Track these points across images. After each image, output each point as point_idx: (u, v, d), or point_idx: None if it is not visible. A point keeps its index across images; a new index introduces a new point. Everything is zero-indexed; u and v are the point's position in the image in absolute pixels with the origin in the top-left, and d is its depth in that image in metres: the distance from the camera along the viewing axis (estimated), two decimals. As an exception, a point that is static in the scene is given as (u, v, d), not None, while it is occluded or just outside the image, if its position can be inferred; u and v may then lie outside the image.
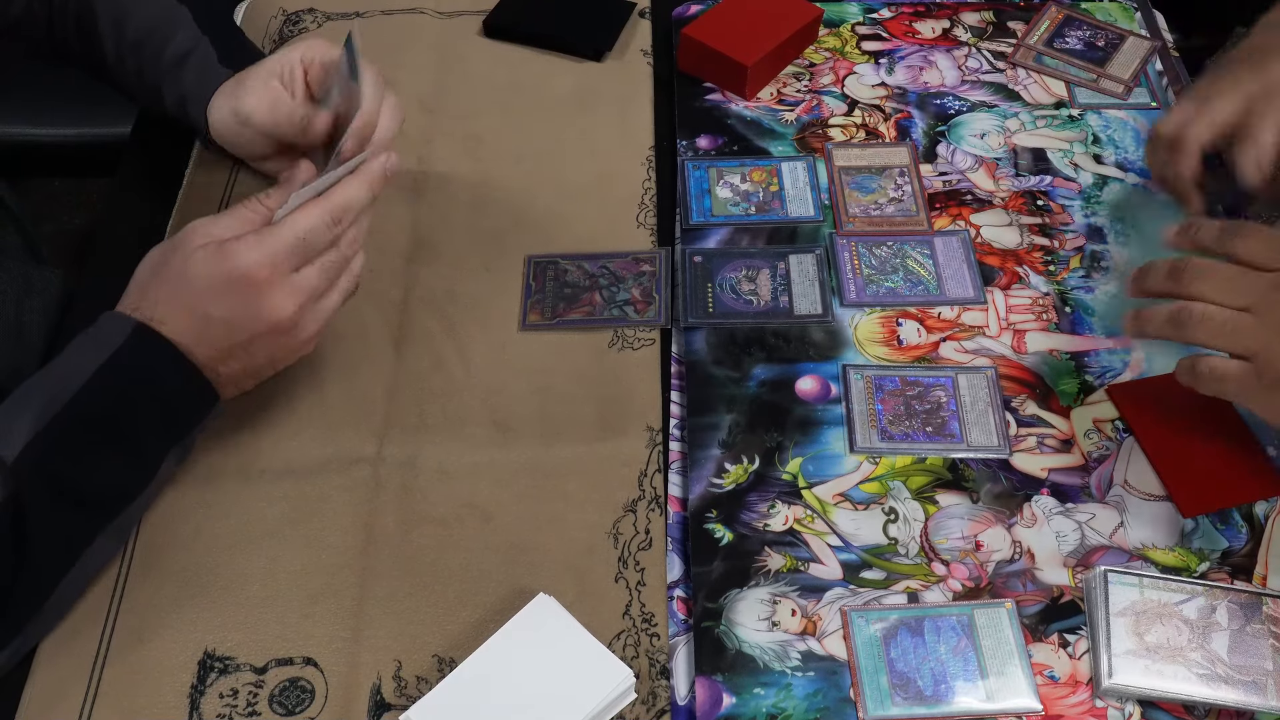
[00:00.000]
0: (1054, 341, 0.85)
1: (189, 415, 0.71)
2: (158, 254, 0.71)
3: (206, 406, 0.72)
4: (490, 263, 0.90)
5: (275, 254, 0.69)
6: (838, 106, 1.02)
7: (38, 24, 0.93)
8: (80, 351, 0.69)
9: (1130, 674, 0.68)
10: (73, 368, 0.68)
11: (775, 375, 0.83)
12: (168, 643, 0.71)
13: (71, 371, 0.68)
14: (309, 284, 0.71)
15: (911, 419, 0.81)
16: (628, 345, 0.85)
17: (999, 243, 0.92)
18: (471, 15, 1.09)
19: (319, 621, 0.72)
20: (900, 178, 0.96)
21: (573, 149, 0.99)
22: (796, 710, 0.68)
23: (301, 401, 0.81)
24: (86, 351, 0.69)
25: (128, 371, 0.68)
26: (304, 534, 0.75)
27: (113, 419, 0.68)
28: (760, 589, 0.73)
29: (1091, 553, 0.75)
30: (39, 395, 0.67)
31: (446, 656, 0.70)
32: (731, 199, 0.94)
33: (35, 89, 1.41)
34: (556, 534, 0.75)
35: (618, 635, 0.71)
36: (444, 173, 0.97)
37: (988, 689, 0.69)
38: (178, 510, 0.76)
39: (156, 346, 0.68)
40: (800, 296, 0.88)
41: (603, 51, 1.06)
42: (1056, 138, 0.99)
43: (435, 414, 0.81)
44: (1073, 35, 1.07)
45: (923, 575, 0.74)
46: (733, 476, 0.78)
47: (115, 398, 0.68)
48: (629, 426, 0.81)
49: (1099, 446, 0.80)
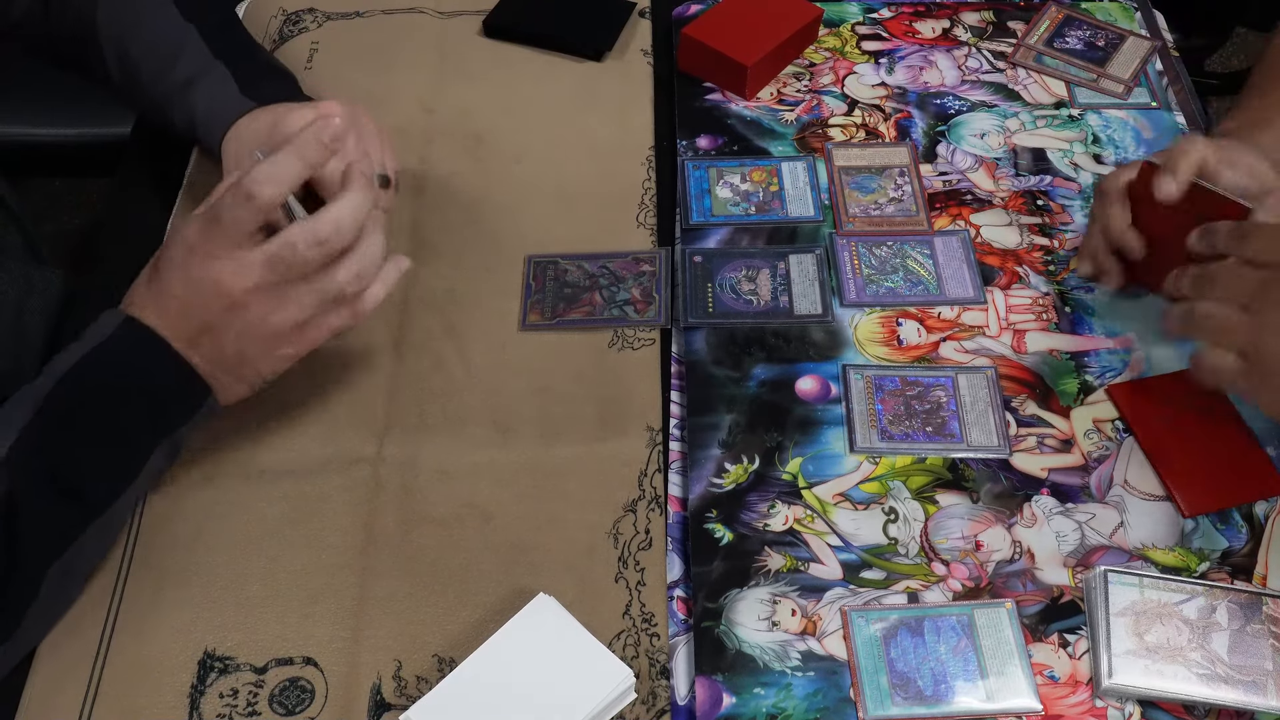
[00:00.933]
0: (1054, 341, 0.86)
1: (177, 405, 0.71)
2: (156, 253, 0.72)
3: (196, 399, 0.71)
4: (490, 263, 0.90)
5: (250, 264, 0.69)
6: (838, 106, 1.02)
7: (37, 28, 0.93)
8: (74, 347, 0.70)
9: (1130, 674, 0.68)
10: (63, 362, 0.70)
11: (775, 375, 0.83)
12: (168, 643, 0.71)
13: (60, 365, 0.70)
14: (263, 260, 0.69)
15: (911, 419, 0.81)
16: (628, 345, 0.85)
17: (999, 243, 0.92)
18: (471, 15, 1.09)
19: (319, 621, 0.72)
20: (900, 178, 0.96)
21: (573, 149, 0.99)
22: (796, 710, 0.68)
23: (301, 401, 0.81)
24: (77, 346, 0.70)
25: (110, 357, 0.69)
26: (304, 534, 0.75)
27: (96, 405, 0.69)
28: (760, 589, 0.73)
29: (1091, 553, 0.75)
30: (37, 388, 0.69)
31: (446, 656, 0.70)
32: (731, 199, 0.94)
33: (35, 89, 1.41)
34: (556, 534, 0.75)
35: (618, 635, 0.71)
36: (444, 173, 0.97)
37: (988, 689, 0.69)
38: (178, 510, 0.76)
39: (139, 333, 0.69)
40: (800, 296, 0.88)
41: (603, 51, 1.06)
42: (1056, 137, 0.99)
43: (435, 414, 0.81)
44: (1073, 35, 1.07)
45: (923, 575, 0.74)
46: (733, 476, 0.78)
47: (98, 384, 0.69)
48: (629, 426, 0.81)
49: (1099, 446, 0.80)
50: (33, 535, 0.67)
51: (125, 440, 0.70)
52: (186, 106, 0.87)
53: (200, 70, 0.87)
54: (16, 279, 0.86)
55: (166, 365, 0.70)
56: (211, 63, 0.87)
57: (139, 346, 0.69)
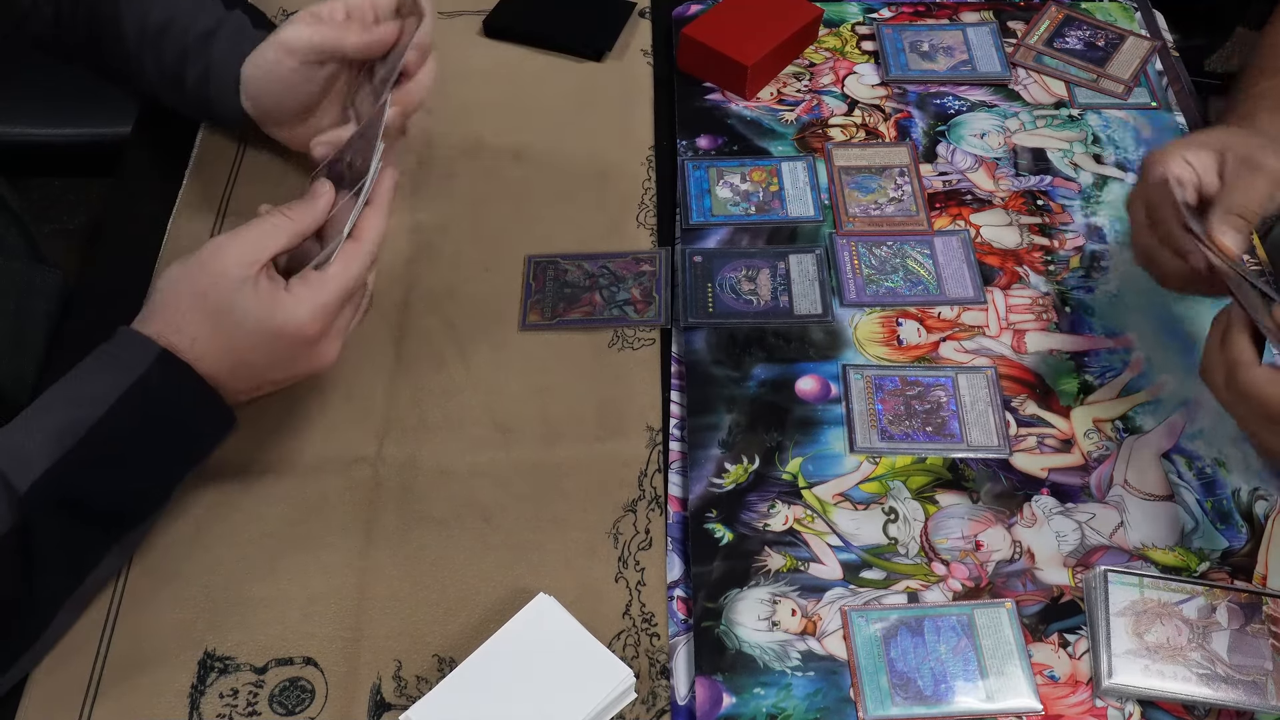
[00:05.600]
0: (1054, 341, 0.86)
1: (209, 441, 0.72)
2: (186, 276, 0.69)
3: (225, 431, 0.72)
4: (490, 263, 0.90)
5: (328, 308, 0.70)
6: (838, 106, 1.02)
7: (44, 17, 0.92)
8: (101, 373, 0.68)
9: (1130, 674, 0.68)
10: (93, 391, 0.67)
11: (775, 375, 0.83)
12: (168, 643, 0.71)
13: (93, 395, 0.67)
14: (345, 325, 0.73)
15: (911, 419, 0.81)
16: (628, 345, 0.85)
17: (999, 243, 0.92)
18: (471, 15, 1.09)
19: (319, 621, 0.72)
20: (900, 178, 0.96)
21: (573, 149, 0.99)
22: (796, 710, 0.68)
23: (301, 401, 0.81)
24: (107, 374, 0.68)
25: (152, 401, 0.68)
26: (304, 534, 0.75)
27: (133, 447, 0.68)
28: (760, 589, 0.73)
29: (1091, 553, 0.75)
30: (57, 417, 0.67)
31: (446, 656, 0.70)
32: (731, 199, 0.94)
33: (35, 89, 1.41)
34: (556, 534, 0.75)
35: (618, 635, 0.71)
36: (444, 173, 0.97)
37: (988, 689, 0.69)
38: (178, 510, 0.76)
39: (183, 378, 0.68)
40: (800, 296, 0.88)
41: (603, 51, 1.06)
42: (1056, 138, 0.99)
43: (435, 414, 0.81)
44: (1073, 35, 1.07)
45: (923, 575, 0.74)
46: (733, 476, 0.78)
47: (137, 427, 0.68)
48: (629, 426, 0.81)
49: (1099, 446, 0.80)
50: (49, 568, 0.66)
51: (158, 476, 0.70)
52: (203, 58, 0.87)
53: (218, 21, 0.87)
54: (16, 279, 0.86)
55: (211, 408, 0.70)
56: (225, 14, 0.88)
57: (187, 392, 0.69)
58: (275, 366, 0.71)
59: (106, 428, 0.66)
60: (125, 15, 0.89)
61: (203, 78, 0.88)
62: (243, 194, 0.94)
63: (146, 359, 0.67)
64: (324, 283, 0.69)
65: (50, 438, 0.65)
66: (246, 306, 0.68)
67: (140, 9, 0.89)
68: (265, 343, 0.69)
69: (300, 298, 0.69)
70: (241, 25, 0.88)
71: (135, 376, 0.67)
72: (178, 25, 0.88)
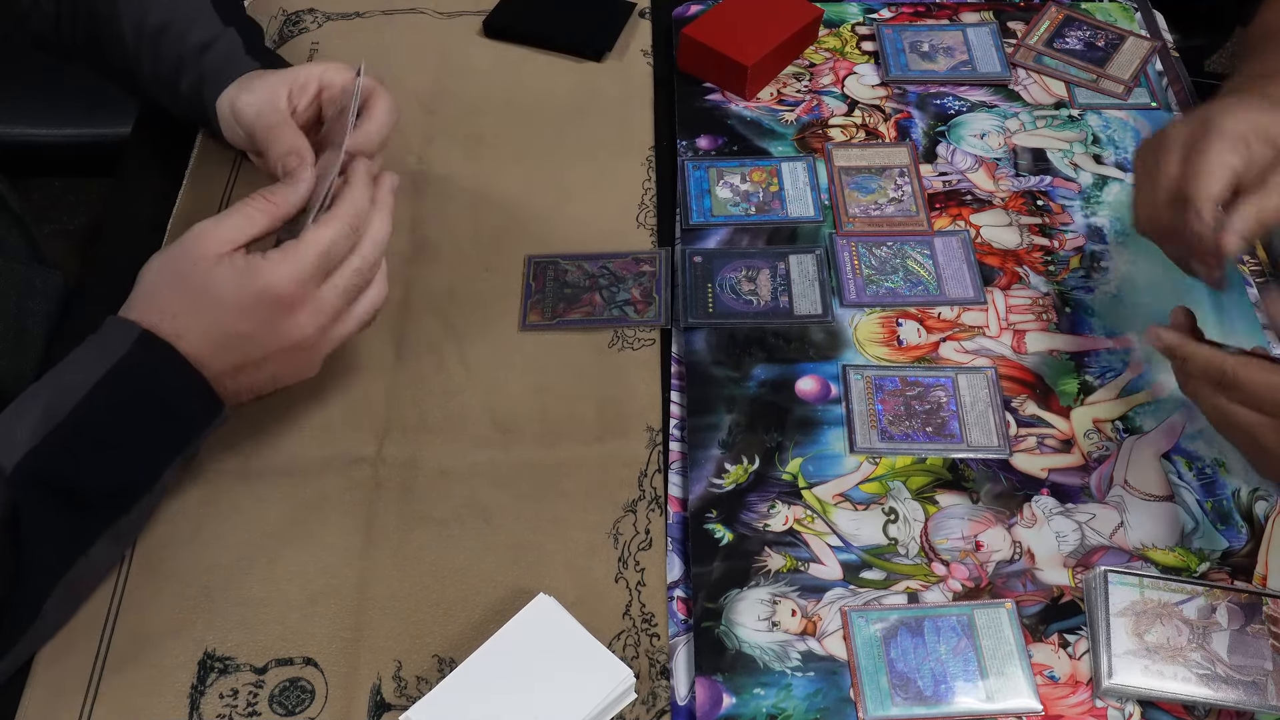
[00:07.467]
0: (1054, 341, 0.86)
1: (195, 426, 0.71)
2: (168, 262, 0.70)
3: (211, 417, 0.72)
4: (490, 263, 0.90)
5: (303, 270, 0.69)
6: (838, 106, 1.02)
7: (45, 15, 0.93)
8: (84, 358, 0.69)
9: (1130, 674, 0.68)
10: (76, 375, 0.68)
11: (775, 375, 0.83)
12: (168, 643, 0.71)
13: (75, 380, 0.68)
14: (330, 305, 0.71)
15: (911, 419, 0.81)
16: (628, 345, 0.85)
17: (999, 243, 0.92)
18: (471, 15, 1.09)
19: (319, 621, 0.72)
20: (900, 178, 0.96)
21: (573, 149, 0.99)
22: (796, 710, 0.68)
23: (301, 402, 0.81)
24: (91, 358, 0.68)
25: (132, 381, 0.68)
26: (304, 534, 0.75)
27: (117, 427, 0.68)
28: (760, 589, 0.73)
29: (1091, 553, 0.75)
30: (43, 400, 0.67)
31: (446, 656, 0.70)
32: (731, 199, 0.94)
33: (35, 89, 1.41)
34: (556, 534, 0.75)
35: (618, 635, 0.71)
36: (444, 173, 0.97)
37: (988, 689, 0.69)
38: (178, 510, 0.76)
39: (165, 357, 0.68)
40: (800, 297, 0.88)
41: (603, 51, 1.06)
42: (1056, 138, 0.99)
43: (435, 414, 0.81)
44: (1073, 35, 1.07)
45: (923, 575, 0.74)
46: (733, 476, 0.78)
47: (118, 407, 0.68)
48: (629, 426, 0.81)
49: (1099, 446, 0.80)
50: (38, 549, 0.66)
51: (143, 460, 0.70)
52: (197, 69, 0.88)
53: (214, 36, 0.88)
54: (16, 279, 0.86)
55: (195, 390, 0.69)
56: (223, 29, 0.89)
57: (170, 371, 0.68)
58: (256, 339, 0.69)
59: (89, 407, 0.67)
60: (123, 15, 0.89)
61: (195, 89, 0.89)
62: (243, 194, 0.93)
63: (128, 341, 0.68)
64: (298, 246, 0.69)
65: (36, 419, 0.66)
66: (224, 279, 0.68)
67: (139, 10, 0.89)
68: (245, 311, 0.68)
69: (275, 260, 0.69)
70: (231, 50, 0.88)
71: (117, 358, 0.68)
72: (174, 29, 0.88)
